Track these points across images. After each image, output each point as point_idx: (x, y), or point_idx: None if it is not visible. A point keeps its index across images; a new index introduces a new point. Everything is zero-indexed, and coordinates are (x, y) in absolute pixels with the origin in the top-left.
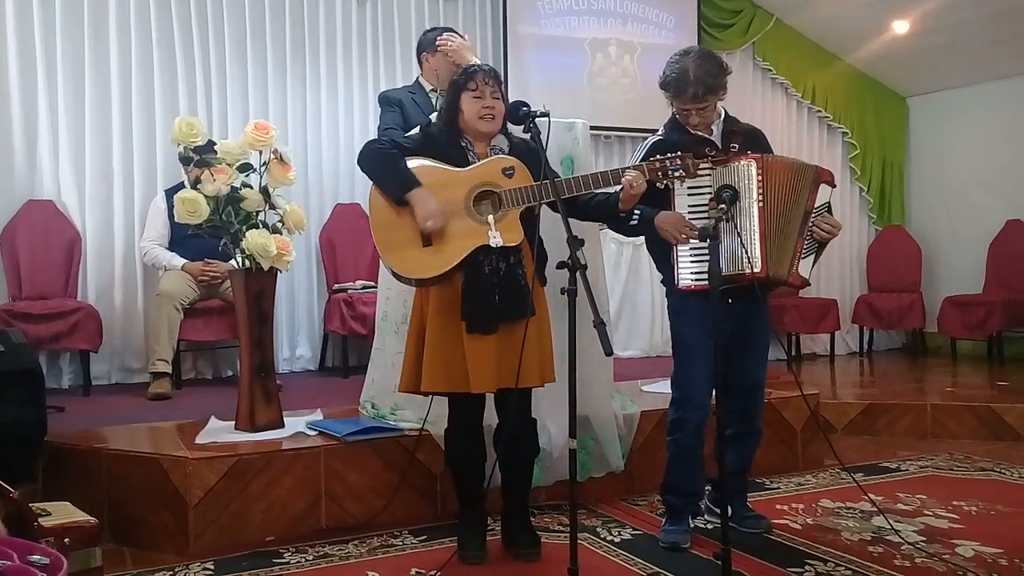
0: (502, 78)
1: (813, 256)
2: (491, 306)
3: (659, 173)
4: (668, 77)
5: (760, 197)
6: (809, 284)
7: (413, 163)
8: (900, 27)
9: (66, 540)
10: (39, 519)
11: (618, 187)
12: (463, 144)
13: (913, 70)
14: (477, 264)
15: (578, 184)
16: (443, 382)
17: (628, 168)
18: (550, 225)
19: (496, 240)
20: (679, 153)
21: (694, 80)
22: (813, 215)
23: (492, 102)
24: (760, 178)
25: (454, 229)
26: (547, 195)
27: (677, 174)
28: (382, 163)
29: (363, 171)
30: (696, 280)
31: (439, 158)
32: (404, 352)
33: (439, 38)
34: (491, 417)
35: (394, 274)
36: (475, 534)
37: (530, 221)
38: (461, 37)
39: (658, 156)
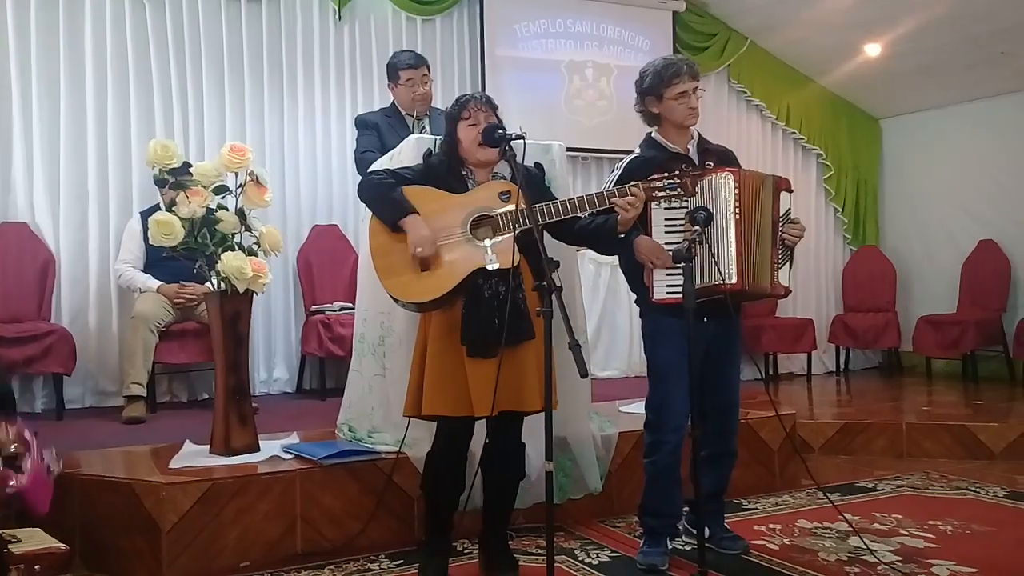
0: (495, 103)
1: (788, 263)
2: (491, 330)
3: (654, 192)
4: (656, 68)
5: (737, 210)
6: (792, 291)
7: (412, 188)
8: (872, 50)
9: (37, 567)
10: (9, 545)
11: (604, 209)
12: (464, 173)
13: (885, 92)
14: (477, 288)
15: (570, 207)
16: (444, 405)
17: (624, 188)
18: (550, 249)
19: (492, 263)
20: (677, 172)
21: (679, 60)
22: (780, 223)
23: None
24: (737, 191)
25: (451, 254)
26: (541, 218)
27: (674, 193)
28: (379, 192)
29: (362, 200)
30: (670, 293)
31: (439, 187)
32: (409, 376)
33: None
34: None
35: (394, 299)
36: (438, 564)
37: (531, 245)
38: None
39: (654, 176)
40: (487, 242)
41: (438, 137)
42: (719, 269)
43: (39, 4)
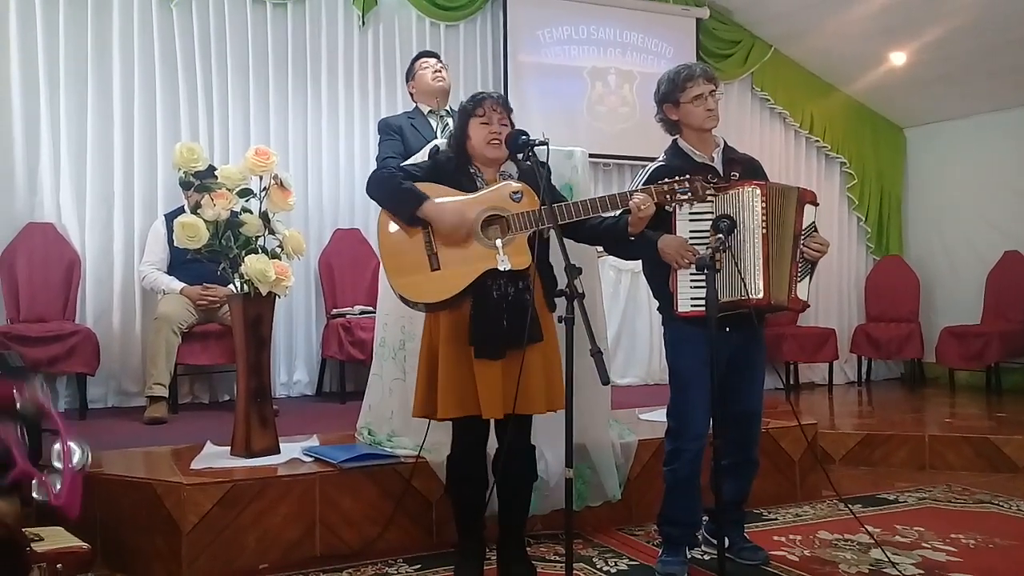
0: (511, 106)
1: (808, 278)
2: (499, 331)
3: (667, 196)
4: (669, 75)
5: (764, 223)
6: (809, 306)
7: (422, 185)
8: (897, 59)
9: (59, 566)
10: (31, 544)
11: (619, 211)
12: (472, 171)
13: (910, 101)
14: (485, 289)
15: (585, 208)
16: (456, 407)
17: (635, 191)
18: (559, 251)
19: (504, 264)
20: (688, 176)
21: (693, 64)
22: (802, 237)
23: (500, 128)
24: (764, 204)
25: (462, 253)
26: (553, 219)
27: (685, 197)
28: (390, 186)
29: (372, 198)
30: (695, 306)
31: (448, 185)
32: (416, 377)
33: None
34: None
35: (403, 299)
36: (473, 566)
37: (539, 246)
38: (438, 59)
39: (666, 179)
40: (498, 242)
41: None
42: (744, 283)
43: (67, 8)
